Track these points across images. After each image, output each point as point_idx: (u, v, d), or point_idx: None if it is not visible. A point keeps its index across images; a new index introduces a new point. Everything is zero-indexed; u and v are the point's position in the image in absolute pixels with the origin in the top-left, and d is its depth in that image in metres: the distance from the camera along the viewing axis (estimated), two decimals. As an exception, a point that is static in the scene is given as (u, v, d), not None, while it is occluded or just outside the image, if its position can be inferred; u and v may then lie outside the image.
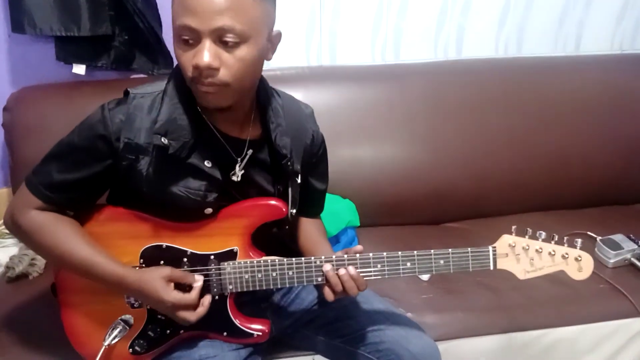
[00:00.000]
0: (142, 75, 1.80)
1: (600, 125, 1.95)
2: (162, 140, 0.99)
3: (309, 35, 1.89)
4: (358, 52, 1.95)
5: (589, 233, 1.70)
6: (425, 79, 1.90)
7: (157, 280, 1.00)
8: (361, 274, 1.05)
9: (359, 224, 1.74)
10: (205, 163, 1.02)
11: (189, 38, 0.92)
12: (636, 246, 1.62)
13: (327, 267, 1.04)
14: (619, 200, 1.99)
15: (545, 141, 1.91)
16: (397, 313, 1.25)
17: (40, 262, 1.53)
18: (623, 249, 1.62)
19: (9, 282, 1.49)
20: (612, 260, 1.61)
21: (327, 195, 1.35)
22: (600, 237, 1.67)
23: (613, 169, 1.96)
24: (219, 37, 0.91)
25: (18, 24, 1.59)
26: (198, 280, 1.05)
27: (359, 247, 1.07)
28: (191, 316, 1.02)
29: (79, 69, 1.71)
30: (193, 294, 1.02)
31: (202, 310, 1.04)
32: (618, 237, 1.66)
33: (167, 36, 1.78)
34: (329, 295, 1.05)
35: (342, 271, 1.04)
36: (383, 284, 1.43)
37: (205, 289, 1.06)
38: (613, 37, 2.09)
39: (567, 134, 1.92)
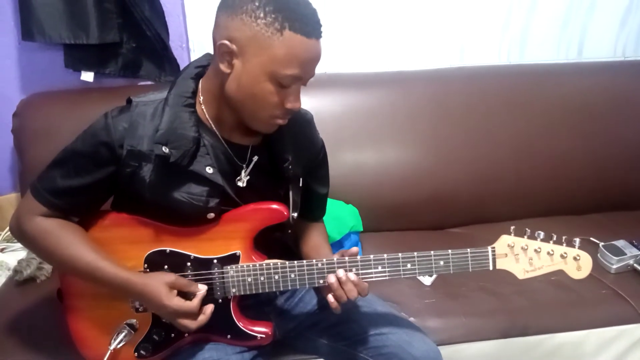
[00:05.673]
0: (149, 82, 1.82)
1: (602, 132, 1.95)
2: (163, 149, 1.00)
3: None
4: (361, 59, 1.96)
5: (591, 239, 1.70)
6: (428, 86, 1.91)
7: (161, 286, 1.02)
8: (362, 276, 1.06)
9: (362, 229, 1.75)
10: (207, 170, 1.04)
11: (289, 83, 0.97)
12: (638, 252, 1.62)
13: (332, 279, 1.05)
14: (622, 206, 1.99)
15: (547, 147, 1.91)
16: (400, 317, 1.25)
17: (48, 266, 1.55)
18: (626, 254, 1.62)
19: (17, 285, 1.51)
20: (614, 266, 1.61)
21: (331, 200, 1.35)
22: (602, 243, 1.67)
23: (615, 175, 1.96)
24: None
25: (28, 32, 1.62)
26: (201, 290, 1.06)
27: (355, 249, 1.08)
28: (191, 324, 1.04)
29: (87, 76, 1.74)
30: (195, 302, 1.03)
31: (203, 318, 1.05)
32: (620, 243, 1.66)
33: (174, 43, 1.81)
34: (335, 306, 1.06)
35: (340, 272, 1.05)
36: (386, 289, 1.44)
37: (209, 293, 1.08)
38: (616, 43, 2.09)
39: (570, 140, 1.93)
